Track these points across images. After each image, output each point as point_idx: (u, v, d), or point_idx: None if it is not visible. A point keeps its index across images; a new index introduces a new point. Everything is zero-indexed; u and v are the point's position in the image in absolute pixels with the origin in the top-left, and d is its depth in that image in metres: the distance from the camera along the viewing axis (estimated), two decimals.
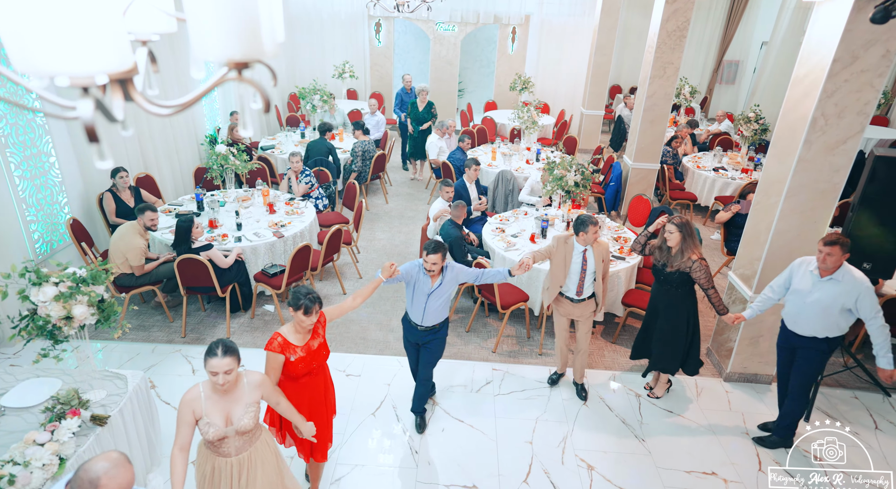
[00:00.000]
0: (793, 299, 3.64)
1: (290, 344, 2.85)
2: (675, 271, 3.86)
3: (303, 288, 2.82)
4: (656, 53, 6.90)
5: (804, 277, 3.59)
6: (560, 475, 3.67)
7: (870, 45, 3.53)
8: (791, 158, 4.00)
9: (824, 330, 3.54)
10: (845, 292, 3.38)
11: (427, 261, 3.43)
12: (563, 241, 3.98)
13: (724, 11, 12.45)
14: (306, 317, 2.78)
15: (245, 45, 1.01)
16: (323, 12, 11.40)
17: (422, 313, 3.62)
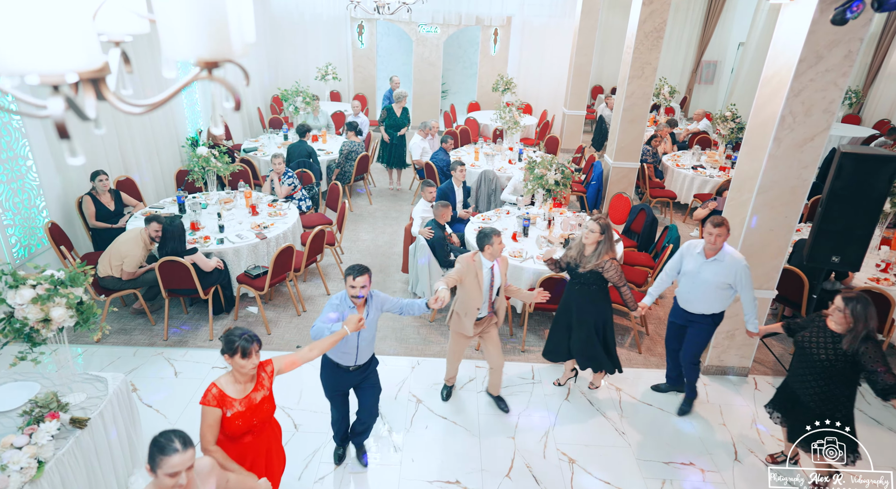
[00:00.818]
0: (685, 281, 3.97)
1: (227, 397, 2.48)
2: (588, 271, 3.88)
3: (236, 329, 2.50)
4: (634, 54, 7.02)
5: (692, 260, 3.91)
6: (542, 469, 3.73)
7: (833, 45, 3.65)
8: (762, 156, 4.11)
9: (711, 307, 3.93)
10: (726, 270, 3.75)
11: (356, 286, 3.01)
12: (471, 260, 3.68)
13: (701, 13, 12.68)
14: (245, 360, 2.45)
15: (214, 45, 1.04)
16: (305, 14, 11.39)
17: (355, 351, 3.23)
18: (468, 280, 3.67)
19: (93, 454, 3.01)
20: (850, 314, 2.97)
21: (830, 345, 3.08)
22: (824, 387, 3.11)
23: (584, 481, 3.65)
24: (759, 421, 4.23)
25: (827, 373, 3.09)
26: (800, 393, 3.25)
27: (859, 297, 3.00)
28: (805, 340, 3.22)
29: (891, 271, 4.99)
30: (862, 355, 2.94)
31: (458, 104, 12.84)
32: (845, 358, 3.00)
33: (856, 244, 4.09)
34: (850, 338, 2.98)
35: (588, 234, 3.86)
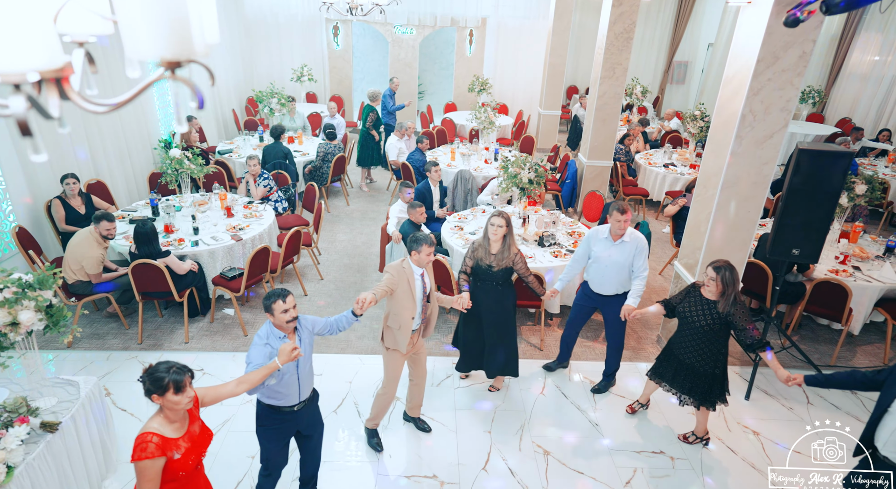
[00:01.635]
0: (597, 265, 4.16)
1: (170, 440, 2.24)
2: (501, 269, 3.91)
3: (160, 364, 2.26)
4: (605, 54, 7.17)
5: (600, 244, 4.13)
6: (517, 461, 3.81)
7: (788, 46, 3.81)
8: (725, 153, 4.26)
9: (622, 286, 4.16)
10: (631, 248, 4.03)
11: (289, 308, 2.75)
12: (400, 267, 3.41)
13: (672, 14, 12.96)
14: (179, 395, 2.21)
15: (175, 45, 1.08)
16: (280, 15, 11.33)
17: (296, 386, 2.89)
18: (401, 289, 3.38)
19: (65, 458, 2.98)
20: (720, 281, 3.39)
21: (707, 311, 3.51)
22: (706, 347, 3.57)
23: (558, 472, 3.73)
24: (726, 409, 4.36)
25: (707, 336, 3.53)
26: (684, 357, 3.68)
27: (727, 266, 3.43)
28: (686, 312, 3.61)
29: (848, 263, 5.20)
30: (733, 316, 3.40)
31: (434, 105, 12.90)
32: (721, 320, 3.46)
33: (814, 237, 4.25)
34: (723, 302, 3.43)
35: (496, 229, 3.86)
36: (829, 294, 4.83)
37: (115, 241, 5.15)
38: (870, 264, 5.22)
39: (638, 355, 5.01)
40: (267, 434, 2.98)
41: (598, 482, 3.66)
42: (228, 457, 3.72)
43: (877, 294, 4.95)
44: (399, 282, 3.38)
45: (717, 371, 3.62)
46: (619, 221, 3.97)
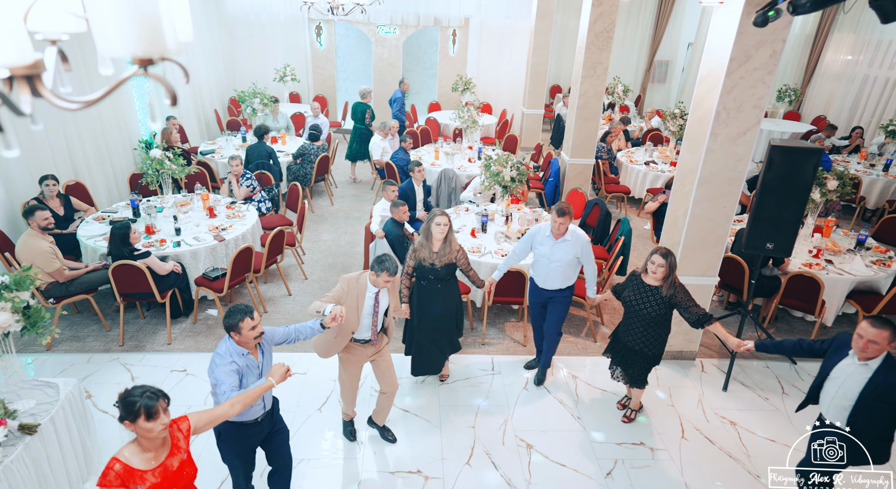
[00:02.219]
0: (542, 263, 4.26)
1: (135, 470, 2.11)
2: (444, 266, 3.98)
3: (135, 388, 2.14)
4: (586, 54, 7.25)
5: (543, 242, 4.22)
6: (501, 455, 3.85)
7: (759, 45, 3.91)
8: (701, 149, 4.35)
9: (567, 280, 4.30)
10: (574, 246, 4.17)
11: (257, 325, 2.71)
12: (356, 282, 3.39)
13: (652, 14, 13.13)
14: (151, 422, 2.09)
15: (147, 43, 1.10)
16: (262, 15, 11.27)
17: (261, 398, 2.85)
18: (348, 303, 3.33)
19: (44, 461, 2.96)
20: (668, 266, 3.58)
21: (652, 297, 3.68)
22: (653, 332, 3.75)
23: (540, 464, 3.79)
24: (704, 401, 4.47)
25: (654, 321, 3.71)
26: (632, 343, 3.85)
27: (669, 252, 3.61)
28: (631, 299, 3.77)
29: (821, 257, 5.34)
30: (676, 297, 3.61)
31: (418, 104, 12.93)
32: (665, 303, 3.64)
33: (787, 231, 4.36)
34: (667, 286, 3.62)
35: (442, 228, 3.91)
36: (802, 287, 4.96)
37: (94, 242, 5.11)
38: (842, 258, 5.36)
39: None
40: (230, 447, 2.90)
41: (579, 474, 3.73)
42: (212, 457, 3.71)
43: (848, 286, 5.09)
44: (348, 295, 3.34)
45: (658, 352, 3.84)
46: (556, 223, 4.07)
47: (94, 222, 5.51)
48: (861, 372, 2.82)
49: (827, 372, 2.99)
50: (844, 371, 2.90)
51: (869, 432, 2.84)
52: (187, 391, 4.29)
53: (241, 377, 2.70)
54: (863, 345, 2.75)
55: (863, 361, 2.81)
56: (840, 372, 2.93)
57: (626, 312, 3.90)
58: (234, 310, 2.68)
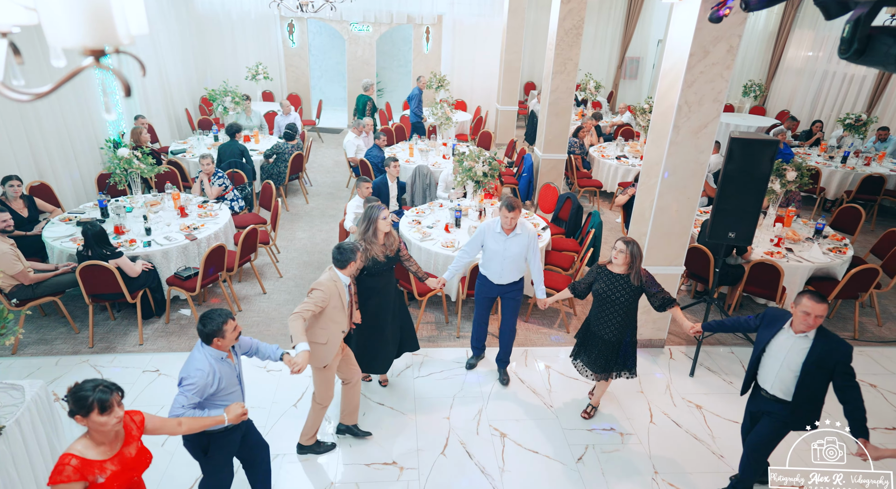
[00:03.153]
0: (495, 258, 4.27)
1: (93, 462, 2.11)
2: (388, 257, 3.88)
3: (86, 382, 2.14)
4: (556, 50, 7.36)
5: (494, 238, 4.22)
6: (475, 444, 3.92)
7: (717, 41, 4.04)
8: (664, 142, 4.48)
9: (519, 274, 4.34)
10: (525, 241, 4.22)
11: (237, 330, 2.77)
12: (331, 283, 3.34)
13: (622, 11, 13.35)
14: (105, 415, 2.09)
15: (96, 33, 1.12)
16: (232, 13, 11.15)
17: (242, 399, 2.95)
18: (332, 303, 3.31)
19: (10, 463, 2.92)
20: (629, 254, 3.66)
21: (623, 286, 3.74)
22: (623, 319, 3.81)
23: (514, 452, 3.87)
24: (672, 387, 4.60)
25: (625, 308, 3.78)
26: (602, 332, 3.87)
27: (633, 241, 3.70)
28: (603, 291, 3.80)
29: (782, 245, 5.53)
30: (646, 284, 3.72)
31: (394, 102, 12.94)
32: (635, 290, 3.74)
33: (747, 220, 4.51)
34: (634, 274, 3.71)
35: (389, 221, 3.87)
36: (764, 274, 5.13)
37: (61, 243, 5.02)
38: (801, 246, 5.56)
39: None
40: (217, 459, 2.90)
41: (551, 460, 3.82)
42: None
43: (807, 273, 5.29)
44: (331, 297, 3.29)
45: (634, 339, 3.93)
46: (506, 217, 4.09)
47: (60, 223, 5.41)
48: (801, 344, 3.00)
49: (762, 346, 3.17)
50: (784, 345, 3.06)
51: (808, 399, 3.05)
52: (160, 391, 4.26)
53: (220, 381, 2.71)
54: (812, 321, 2.91)
55: (800, 334, 2.99)
56: (779, 346, 3.09)
57: (597, 304, 3.88)
58: (212, 315, 2.66)
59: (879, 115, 9.63)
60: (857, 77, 10.08)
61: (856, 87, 10.15)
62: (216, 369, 2.69)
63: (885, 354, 5.09)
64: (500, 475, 3.67)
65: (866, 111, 9.72)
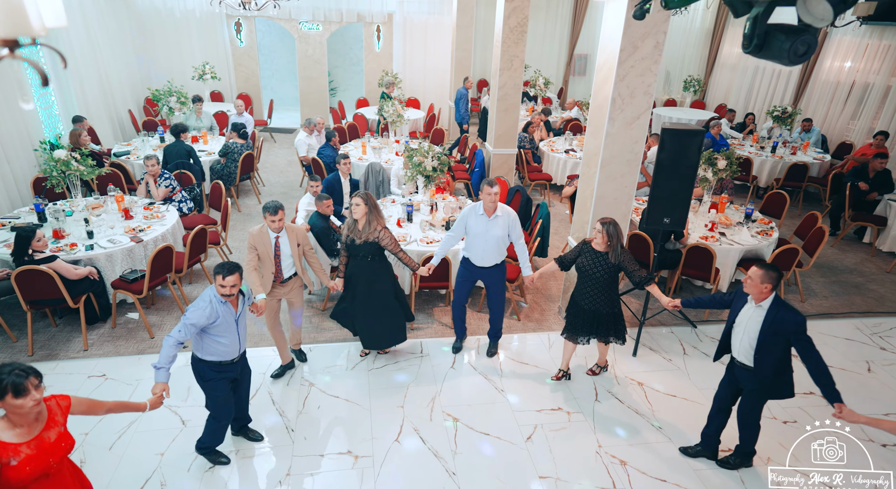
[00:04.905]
0: (477, 241, 4.44)
1: (7, 444, 2.14)
2: (364, 242, 4.20)
3: (4, 366, 2.15)
4: (502, 47, 7.55)
5: (477, 221, 4.40)
6: (428, 430, 4.03)
7: (645, 37, 4.28)
8: (601, 134, 4.70)
9: (500, 256, 4.53)
10: (506, 222, 4.41)
11: (226, 285, 3.15)
12: (259, 232, 4.03)
13: (569, 9, 13.71)
14: (20, 399, 2.10)
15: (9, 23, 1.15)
16: (175, 11, 10.86)
17: (238, 343, 3.40)
18: (261, 250, 4.04)
19: None
20: (605, 233, 3.95)
21: (602, 263, 4.04)
22: (604, 293, 4.13)
23: (466, 436, 3.99)
24: (616, 366, 4.84)
25: (604, 283, 4.09)
26: (587, 305, 4.20)
27: (612, 222, 3.97)
28: (584, 265, 4.13)
29: (716, 230, 5.88)
30: (623, 262, 4.00)
31: (347, 100, 12.90)
32: (613, 267, 4.03)
33: (680, 206, 4.79)
34: (612, 253, 4.00)
35: (355, 207, 4.17)
36: (699, 257, 5.45)
37: None
38: (732, 230, 5.92)
39: (542, 326, 5.40)
40: (213, 386, 3.38)
41: (502, 440, 3.96)
42: (136, 457, 3.66)
43: (738, 255, 5.65)
44: (256, 242, 4.02)
45: (616, 310, 4.23)
46: (489, 195, 4.26)
47: None
48: (758, 313, 3.24)
49: (733, 319, 3.42)
50: (746, 315, 3.32)
51: (770, 368, 3.27)
52: (107, 396, 4.18)
53: (217, 319, 3.18)
54: (754, 287, 3.19)
55: (758, 303, 3.24)
56: (743, 317, 3.35)
57: (580, 277, 4.20)
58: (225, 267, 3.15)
59: (803, 107, 10.29)
60: (784, 72, 10.73)
61: (783, 82, 10.80)
62: (217, 309, 3.17)
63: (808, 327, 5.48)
64: (453, 458, 3.79)
65: (793, 104, 10.36)
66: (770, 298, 3.21)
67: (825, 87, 9.96)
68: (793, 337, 3.15)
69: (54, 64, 7.18)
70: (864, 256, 7.10)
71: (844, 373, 4.83)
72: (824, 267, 6.76)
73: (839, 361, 4.96)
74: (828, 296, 6.10)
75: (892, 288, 6.32)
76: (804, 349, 3.14)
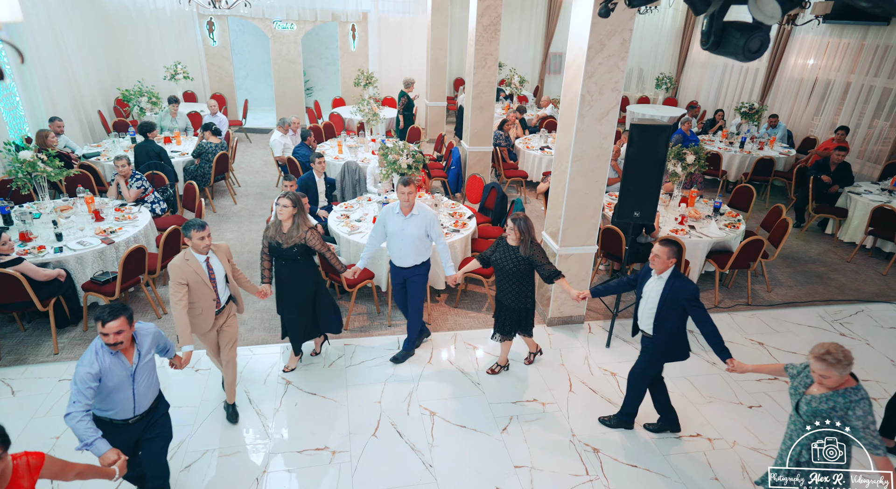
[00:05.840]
0: (395, 240, 4.40)
1: None
2: (293, 245, 4.01)
3: None
4: (476, 46, 7.62)
5: (393, 220, 4.36)
6: (405, 424, 4.07)
7: (612, 34, 4.38)
8: (572, 129, 4.79)
9: (421, 256, 4.47)
10: (423, 221, 4.37)
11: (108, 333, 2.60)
12: (183, 261, 3.49)
13: (543, 8, 13.86)
14: None
15: None
16: (145, 10, 10.68)
17: (132, 401, 2.81)
18: (192, 280, 3.47)
19: None
20: (517, 229, 4.00)
21: (514, 256, 4.09)
22: (518, 287, 4.17)
23: (443, 428, 4.05)
24: (590, 358, 4.94)
25: (517, 277, 4.13)
26: (505, 300, 4.25)
27: (523, 218, 4.03)
28: (499, 259, 4.17)
29: (686, 223, 6.03)
30: (534, 256, 4.04)
31: (323, 100, 12.84)
32: (524, 261, 4.07)
33: (649, 199, 4.91)
34: (524, 247, 4.04)
35: (282, 209, 3.94)
36: None
37: None
38: (702, 223, 6.08)
39: None
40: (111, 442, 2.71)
41: (478, 432, 4.03)
42: None
43: (706, 247, 5.80)
44: (186, 274, 3.46)
45: (528, 306, 4.28)
46: (403, 193, 4.22)
47: None
48: (659, 284, 3.57)
49: (640, 294, 3.74)
50: (650, 287, 3.65)
51: (666, 332, 3.58)
52: None
53: (102, 379, 2.61)
54: (658, 262, 3.52)
55: (660, 275, 3.57)
56: (647, 289, 3.67)
57: (497, 274, 4.26)
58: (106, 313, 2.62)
59: (770, 103, 10.59)
60: (751, 69, 11.02)
61: (751, 79, 11.09)
62: (104, 361, 2.62)
63: (773, 316, 5.68)
64: (430, 450, 3.84)
65: (760, 100, 10.65)
66: (669, 271, 3.54)
67: (790, 83, 10.26)
68: (687, 304, 3.46)
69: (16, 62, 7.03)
70: (828, 247, 7.35)
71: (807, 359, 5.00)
72: (790, 257, 6.98)
73: (801, 347, 5.14)
74: (793, 285, 6.30)
75: (853, 277, 6.57)
76: (698, 315, 3.45)
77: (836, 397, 2.59)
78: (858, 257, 7.04)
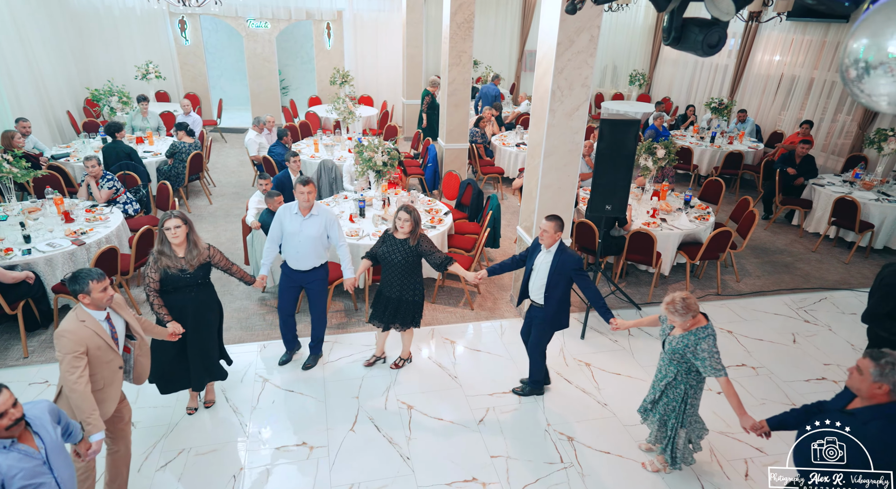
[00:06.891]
0: (291, 242, 4.17)
1: None
2: (199, 267, 3.59)
3: None
4: (450, 43, 7.66)
5: (291, 220, 4.16)
6: (383, 418, 4.11)
7: (580, 31, 4.46)
8: (543, 125, 4.87)
9: (318, 259, 4.29)
10: (323, 221, 4.21)
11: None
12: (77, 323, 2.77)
13: (518, 6, 13.96)
14: None
15: None
16: (114, 8, 10.50)
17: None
18: (91, 347, 2.77)
19: None
20: (412, 220, 4.03)
21: (402, 248, 4.12)
22: (406, 279, 4.20)
23: (420, 422, 4.09)
24: (565, 349, 5.03)
25: (405, 269, 4.16)
26: (390, 293, 4.23)
27: (412, 209, 4.09)
28: (386, 253, 4.16)
29: (657, 216, 6.17)
30: (422, 246, 4.11)
31: (299, 99, 12.77)
32: (413, 252, 4.12)
33: (621, 193, 5.03)
34: (413, 238, 4.11)
35: (175, 231, 3.44)
36: (641, 242, 5.71)
37: None
38: (673, 216, 6.23)
39: (494, 314, 5.54)
40: None
41: (455, 424, 4.08)
42: None
43: (677, 239, 5.95)
44: (85, 340, 2.75)
45: (417, 298, 4.29)
46: (302, 193, 4.07)
47: None
48: (548, 258, 3.90)
49: (530, 267, 4.03)
50: (539, 261, 3.96)
51: (555, 301, 3.91)
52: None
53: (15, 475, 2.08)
54: (546, 236, 3.82)
55: (548, 249, 3.88)
56: (537, 262, 3.98)
57: (383, 267, 4.21)
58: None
59: (739, 99, 10.85)
60: (720, 65, 11.28)
61: (721, 75, 11.35)
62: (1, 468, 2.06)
63: (741, 305, 5.85)
64: (407, 443, 3.88)
65: (729, 96, 10.91)
66: (556, 244, 3.87)
67: (757, 79, 10.53)
68: (573, 273, 3.83)
69: None
70: (794, 237, 7.59)
71: (773, 345, 5.18)
72: (758, 248, 7.19)
73: (768, 334, 5.32)
74: (760, 275, 6.50)
75: (817, 266, 6.80)
76: (582, 281, 3.84)
77: (688, 336, 3.17)
78: (823, 247, 7.28)
